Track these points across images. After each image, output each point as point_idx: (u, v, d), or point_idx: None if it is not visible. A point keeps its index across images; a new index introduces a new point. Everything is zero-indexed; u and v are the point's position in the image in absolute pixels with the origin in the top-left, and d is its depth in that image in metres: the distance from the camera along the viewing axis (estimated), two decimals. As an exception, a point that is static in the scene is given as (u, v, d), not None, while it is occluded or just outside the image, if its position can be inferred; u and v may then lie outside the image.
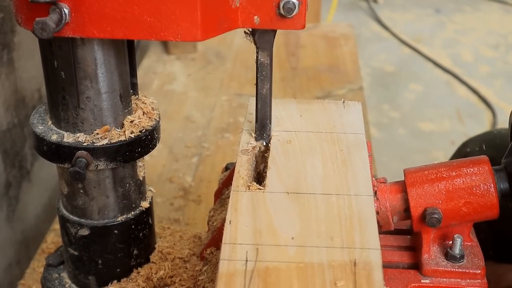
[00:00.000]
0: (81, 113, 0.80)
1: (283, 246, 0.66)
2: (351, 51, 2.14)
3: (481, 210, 0.80)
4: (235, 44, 2.18)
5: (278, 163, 0.79)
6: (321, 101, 0.95)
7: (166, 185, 1.42)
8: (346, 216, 0.70)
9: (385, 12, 4.15)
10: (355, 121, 0.90)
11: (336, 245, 0.66)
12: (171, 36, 0.71)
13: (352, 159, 0.81)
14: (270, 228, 0.68)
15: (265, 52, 0.81)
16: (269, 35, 0.79)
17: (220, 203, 0.92)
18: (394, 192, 0.82)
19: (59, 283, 0.95)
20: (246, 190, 0.74)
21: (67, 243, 0.91)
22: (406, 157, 2.65)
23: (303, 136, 0.85)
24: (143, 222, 0.91)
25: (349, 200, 0.73)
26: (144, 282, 0.92)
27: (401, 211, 0.82)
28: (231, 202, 0.72)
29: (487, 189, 0.80)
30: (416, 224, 0.81)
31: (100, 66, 0.77)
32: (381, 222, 0.82)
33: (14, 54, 1.33)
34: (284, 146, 0.83)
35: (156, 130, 0.86)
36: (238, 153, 0.83)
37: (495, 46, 3.70)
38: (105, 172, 0.84)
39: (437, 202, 0.80)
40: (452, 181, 0.80)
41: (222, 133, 1.63)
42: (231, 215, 0.70)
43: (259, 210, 0.71)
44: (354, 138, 0.85)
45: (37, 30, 0.68)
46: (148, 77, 1.92)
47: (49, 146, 0.81)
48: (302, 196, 0.73)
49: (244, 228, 0.68)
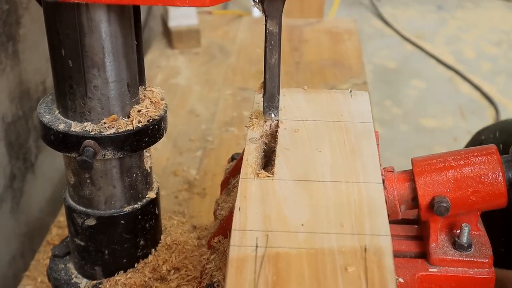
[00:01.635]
0: (88, 102, 0.80)
1: (293, 233, 0.66)
2: (354, 46, 2.13)
3: (490, 199, 0.80)
4: (238, 38, 2.18)
5: (286, 151, 0.79)
6: (328, 90, 0.94)
7: (170, 178, 1.42)
8: (355, 202, 0.70)
9: (387, 9, 4.15)
10: (363, 110, 0.89)
11: (346, 231, 0.66)
12: (178, 1, 0.70)
13: (360, 147, 0.80)
14: (280, 214, 0.68)
15: (274, 20, 0.80)
16: (278, 2, 0.78)
17: (227, 193, 0.92)
18: (402, 181, 0.82)
19: (65, 274, 0.95)
20: (255, 178, 0.74)
21: (74, 233, 0.91)
22: (409, 153, 2.63)
23: (311, 125, 0.85)
24: (149, 213, 0.91)
25: (358, 187, 0.73)
26: (150, 272, 0.92)
27: (408, 200, 0.82)
28: (240, 189, 0.72)
29: (495, 178, 0.79)
30: (424, 213, 0.81)
31: (108, 55, 0.77)
32: (389, 211, 0.81)
33: (19, 46, 1.33)
34: (292, 134, 0.83)
35: (163, 120, 0.86)
36: (246, 141, 0.83)
37: (497, 43, 3.69)
38: (112, 162, 0.84)
39: (445, 191, 0.79)
40: (460, 169, 0.80)
41: (226, 126, 1.63)
42: (241, 202, 0.70)
43: (268, 197, 0.71)
44: (362, 127, 0.85)
45: None
46: (152, 71, 1.91)
47: (57, 135, 0.81)
48: (311, 184, 0.73)
49: (253, 215, 0.68)
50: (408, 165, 2.52)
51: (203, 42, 2.10)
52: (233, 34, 2.20)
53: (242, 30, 2.24)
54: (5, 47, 1.27)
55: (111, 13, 0.74)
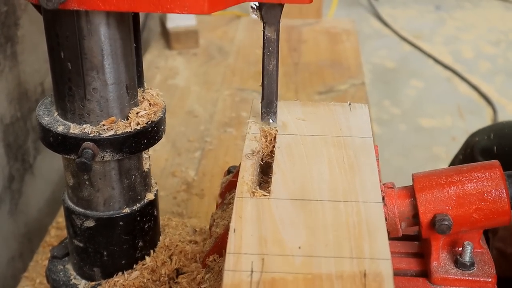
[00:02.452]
0: (87, 104, 0.80)
1: (290, 256, 0.63)
2: (353, 46, 2.14)
3: (493, 216, 0.77)
4: (237, 39, 2.18)
5: (283, 168, 0.77)
6: (326, 103, 0.92)
7: (169, 179, 1.42)
8: (354, 224, 0.67)
9: (386, 9, 4.15)
10: (362, 124, 0.87)
11: (345, 255, 0.64)
12: (177, 9, 0.70)
13: (359, 164, 0.78)
14: (276, 236, 0.66)
15: (272, 27, 0.80)
16: (276, 9, 0.78)
17: (222, 208, 0.90)
18: (402, 198, 0.80)
19: (64, 275, 0.95)
20: (251, 197, 0.72)
21: (72, 234, 0.91)
22: (407, 153, 2.65)
23: (308, 140, 0.82)
24: (148, 214, 0.91)
25: (357, 207, 0.70)
26: (149, 274, 0.92)
27: (409, 217, 0.79)
28: (235, 209, 0.70)
29: (498, 195, 0.77)
30: (425, 230, 0.78)
31: (107, 57, 0.77)
32: (389, 228, 0.79)
33: (18, 48, 1.33)
34: (289, 150, 0.80)
35: (162, 122, 0.86)
36: (242, 157, 0.80)
37: (495, 43, 3.70)
38: (111, 164, 0.84)
39: (447, 208, 0.77)
40: (463, 186, 0.77)
41: (225, 127, 1.63)
42: (236, 223, 0.67)
43: (264, 217, 0.68)
44: (361, 142, 0.82)
45: (43, 1, 0.67)
46: (150, 72, 1.91)
47: (55, 137, 0.81)
48: (308, 203, 0.71)
49: (249, 237, 0.65)
50: (406, 165, 2.53)
51: (201, 43, 2.11)
52: (231, 34, 2.21)
53: (240, 31, 2.24)
54: (3, 48, 1.28)
55: (110, 16, 0.75)
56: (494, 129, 1.27)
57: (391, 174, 2.36)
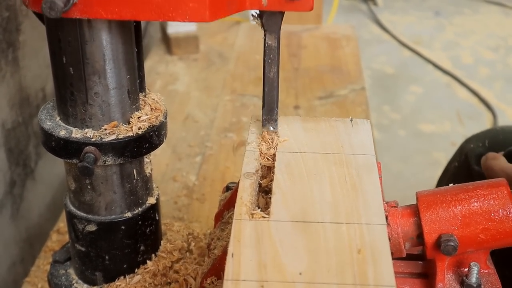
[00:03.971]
0: (89, 109, 0.80)
1: (290, 283, 0.60)
2: (353, 51, 2.14)
3: (500, 237, 0.75)
4: (237, 44, 2.19)
5: (283, 187, 0.74)
6: (327, 119, 0.89)
7: (170, 184, 1.42)
8: (357, 248, 0.65)
9: (385, 15, 4.17)
10: (364, 141, 0.84)
11: (348, 281, 0.61)
12: (179, 17, 0.70)
13: (362, 183, 0.75)
14: (276, 262, 0.63)
15: (272, 35, 0.80)
16: (276, 17, 0.79)
17: (221, 227, 0.88)
18: (406, 217, 0.77)
19: (65, 279, 0.95)
20: (250, 219, 0.69)
21: (74, 239, 0.91)
22: (407, 158, 2.65)
23: (309, 158, 0.80)
24: (150, 218, 0.92)
25: (360, 229, 0.68)
26: (150, 278, 0.93)
27: (413, 237, 0.77)
28: (233, 232, 0.67)
29: (506, 215, 0.74)
30: (430, 251, 0.76)
31: (109, 62, 0.78)
32: (393, 249, 0.77)
33: (19, 53, 1.34)
34: (290, 168, 0.78)
35: (164, 126, 0.87)
36: (241, 176, 0.77)
37: (494, 49, 3.71)
38: (112, 168, 0.85)
39: (452, 228, 0.74)
40: (469, 205, 0.75)
41: (225, 132, 1.63)
42: (234, 247, 0.64)
43: (264, 241, 0.66)
44: (364, 160, 0.80)
45: (45, 10, 0.68)
46: (150, 78, 1.92)
47: (57, 141, 0.81)
48: (309, 225, 0.68)
49: (247, 262, 0.62)
50: (406, 170, 2.54)
51: (201, 48, 2.11)
52: (231, 40, 2.21)
53: (240, 36, 2.25)
54: (5, 53, 1.28)
55: (112, 22, 0.75)
56: (489, 136, 1.25)
57: (391, 180, 2.36)
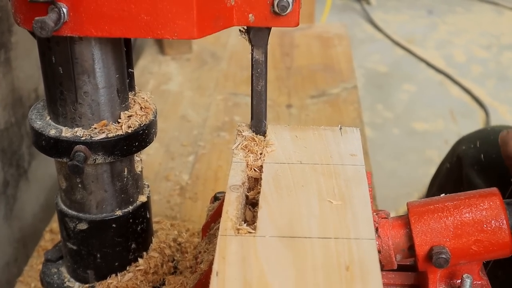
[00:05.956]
0: (79, 108, 0.81)
1: None
2: (345, 50, 2.15)
3: (493, 248, 0.73)
4: (230, 44, 2.20)
5: (270, 201, 0.72)
6: (316, 127, 0.87)
7: (162, 183, 1.43)
8: (346, 264, 0.63)
9: (378, 14, 4.18)
10: (354, 150, 0.82)
11: None
12: (167, 34, 0.72)
13: (351, 195, 0.73)
14: (262, 280, 0.61)
15: (260, 49, 0.82)
16: (264, 32, 0.80)
17: (208, 239, 0.87)
18: (397, 229, 0.76)
19: (58, 278, 0.96)
20: (235, 234, 0.67)
21: (66, 237, 0.92)
22: (400, 156, 2.66)
23: (297, 169, 0.78)
24: (141, 216, 0.92)
25: (349, 245, 0.65)
26: (142, 276, 0.94)
27: (405, 249, 0.76)
28: (218, 248, 0.65)
29: (499, 226, 0.73)
30: (422, 263, 0.74)
31: (98, 61, 0.78)
32: (383, 261, 0.76)
33: (11, 54, 1.34)
34: (277, 180, 0.76)
35: (153, 125, 0.87)
36: (227, 189, 0.75)
37: (487, 47, 3.73)
38: (103, 167, 0.85)
39: (444, 240, 0.73)
40: (460, 216, 0.73)
41: (218, 131, 1.64)
42: (219, 265, 0.62)
43: (249, 258, 0.63)
44: (353, 170, 0.78)
45: (36, 29, 0.69)
46: (144, 77, 1.93)
47: (48, 141, 0.82)
48: (297, 241, 0.66)
49: (232, 281, 0.60)
50: (399, 169, 2.54)
51: (194, 48, 2.12)
52: (224, 39, 2.22)
53: (233, 36, 2.26)
54: (-3, 55, 1.29)
55: (100, 21, 0.76)
56: (480, 137, 1.25)
57: (384, 178, 2.37)
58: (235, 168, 0.78)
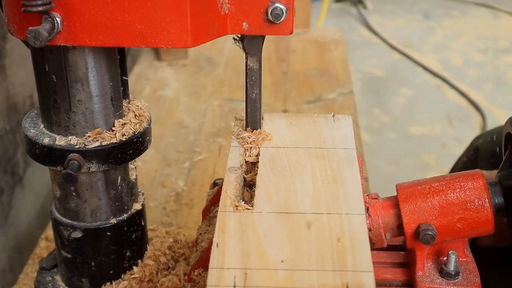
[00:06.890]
0: (72, 116, 0.81)
1: (272, 270, 0.63)
2: (341, 55, 2.15)
3: (476, 226, 0.78)
4: (226, 50, 2.19)
5: (266, 181, 0.77)
6: (310, 115, 0.92)
7: (158, 190, 1.43)
8: (337, 236, 0.68)
9: (375, 18, 4.18)
10: (346, 135, 0.87)
11: (327, 267, 0.64)
12: (161, 43, 0.72)
13: (343, 176, 0.78)
14: (259, 250, 0.65)
15: (254, 57, 0.82)
16: (258, 40, 0.81)
17: (208, 221, 0.90)
18: (386, 208, 0.80)
19: (52, 286, 0.95)
20: (234, 211, 0.71)
21: (60, 245, 0.91)
22: (398, 160, 2.66)
23: (292, 152, 0.83)
24: (135, 224, 0.92)
25: (340, 219, 0.70)
26: (137, 283, 0.93)
27: (394, 227, 0.80)
28: (218, 223, 0.69)
29: (482, 204, 0.77)
30: (410, 241, 0.79)
31: (91, 70, 0.78)
32: (374, 239, 0.80)
33: (6, 61, 1.34)
34: (273, 163, 0.81)
35: (148, 133, 0.87)
36: (226, 171, 0.80)
37: (484, 51, 3.73)
38: (97, 175, 0.85)
39: (430, 218, 0.77)
40: (446, 196, 0.78)
41: (214, 137, 1.64)
42: (218, 238, 0.67)
43: (247, 231, 0.68)
44: (345, 154, 0.83)
45: (30, 39, 0.69)
46: (140, 83, 1.93)
47: (41, 149, 0.82)
48: (291, 216, 0.71)
49: (231, 251, 0.65)
50: (396, 173, 2.54)
51: (190, 54, 2.12)
52: (220, 45, 2.22)
53: (229, 41, 2.25)
54: (-8, 62, 1.28)
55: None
56: (497, 131, 1.27)
57: (381, 182, 2.37)
58: (234, 152, 0.83)
